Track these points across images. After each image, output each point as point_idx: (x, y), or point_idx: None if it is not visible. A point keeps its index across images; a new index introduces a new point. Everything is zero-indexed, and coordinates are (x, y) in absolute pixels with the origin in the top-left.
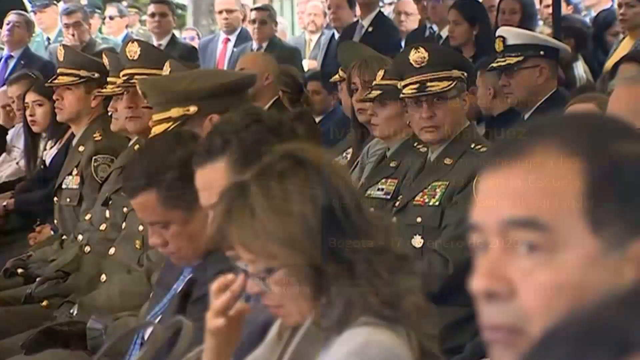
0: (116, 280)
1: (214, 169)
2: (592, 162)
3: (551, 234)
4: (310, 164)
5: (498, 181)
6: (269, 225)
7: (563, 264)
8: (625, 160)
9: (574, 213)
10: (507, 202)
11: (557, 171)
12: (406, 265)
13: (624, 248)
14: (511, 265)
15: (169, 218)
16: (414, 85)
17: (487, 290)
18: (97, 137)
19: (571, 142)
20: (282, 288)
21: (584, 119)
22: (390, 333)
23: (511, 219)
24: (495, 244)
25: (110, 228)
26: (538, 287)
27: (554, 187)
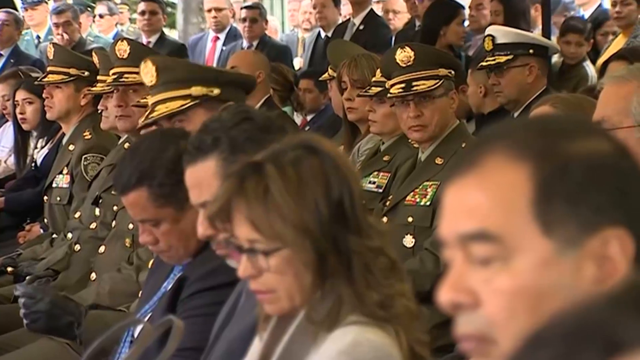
0: (106, 278)
1: (204, 167)
2: (539, 165)
3: (503, 242)
4: (324, 153)
5: (456, 195)
6: (282, 206)
7: (519, 270)
8: (573, 160)
9: (524, 218)
10: (462, 216)
11: (506, 180)
12: (398, 271)
13: (579, 246)
14: (473, 275)
15: (160, 216)
16: (401, 85)
17: (452, 302)
18: (87, 135)
19: (518, 147)
20: (281, 270)
21: (531, 122)
22: (380, 332)
23: (466, 233)
24: (457, 257)
25: (100, 226)
26: (498, 294)
27: (503, 195)
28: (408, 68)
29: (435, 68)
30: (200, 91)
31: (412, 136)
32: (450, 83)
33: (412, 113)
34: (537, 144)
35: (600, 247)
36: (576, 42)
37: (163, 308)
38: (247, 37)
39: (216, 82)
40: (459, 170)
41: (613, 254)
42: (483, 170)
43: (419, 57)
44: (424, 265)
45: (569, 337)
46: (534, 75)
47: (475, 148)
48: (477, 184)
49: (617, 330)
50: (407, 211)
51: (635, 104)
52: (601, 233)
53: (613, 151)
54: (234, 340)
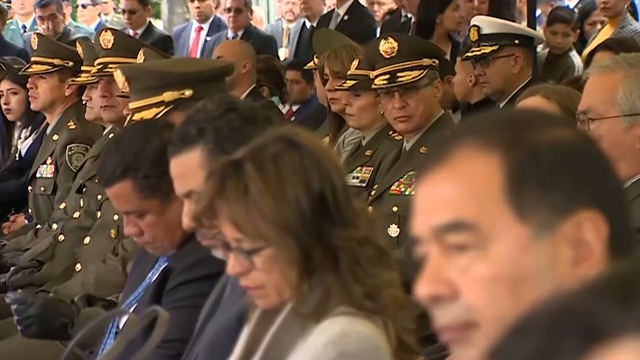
0: (91, 269)
1: (188, 158)
2: (509, 152)
3: (478, 230)
4: (304, 148)
5: (427, 190)
6: (262, 205)
7: (496, 256)
8: (542, 146)
9: (498, 205)
10: (435, 209)
11: (477, 169)
12: (386, 259)
13: (554, 230)
14: (450, 267)
15: (145, 207)
16: (385, 76)
17: (430, 294)
18: (71, 125)
19: (488, 137)
20: (267, 268)
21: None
22: (368, 323)
23: (440, 225)
24: (433, 251)
25: (85, 217)
26: (477, 282)
27: (475, 185)
28: (392, 59)
29: (419, 58)
30: (172, 96)
31: (397, 127)
32: (434, 73)
33: (397, 104)
34: (504, 135)
35: (575, 230)
36: (563, 33)
37: (148, 299)
38: (232, 27)
39: (186, 83)
40: (427, 166)
41: (587, 237)
42: (452, 163)
43: (402, 48)
44: (409, 255)
45: (550, 326)
46: (520, 65)
47: (442, 144)
48: (447, 177)
49: (599, 319)
50: (392, 201)
51: (621, 94)
52: (574, 216)
53: (578, 138)
54: (219, 331)
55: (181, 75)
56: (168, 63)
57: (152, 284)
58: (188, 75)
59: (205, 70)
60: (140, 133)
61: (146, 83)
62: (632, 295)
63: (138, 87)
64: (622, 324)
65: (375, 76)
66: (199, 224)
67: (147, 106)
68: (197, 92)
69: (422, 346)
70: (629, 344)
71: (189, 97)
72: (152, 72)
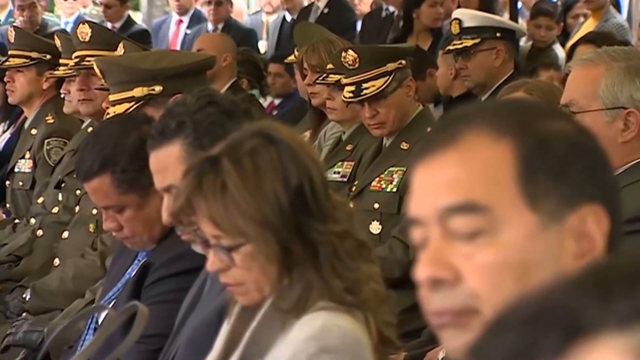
0: (70, 264)
1: (168, 152)
2: (521, 140)
3: (490, 214)
4: (281, 142)
5: (432, 171)
6: (241, 201)
7: (505, 242)
8: (552, 136)
9: (510, 192)
10: (443, 190)
11: (489, 153)
12: (366, 252)
13: (561, 221)
14: (453, 251)
15: (124, 202)
16: (351, 87)
17: (432, 277)
18: (49, 119)
19: (500, 124)
20: (247, 264)
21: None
22: (349, 318)
23: (449, 206)
24: (434, 234)
25: (63, 211)
26: (483, 267)
27: (488, 170)
28: (355, 70)
29: (383, 65)
30: (142, 92)
31: (373, 133)
32: (402, 73)
33: (367, 114)
34: (514, 121)
35: (579, 223)
36: (546, 26)
37: (127, 295)
38: (212, 20)
39: (155, 79)
40: (431, 148)
41: (590, 230)
42: (462, 146)
43: (363, 58)
44: (393, 252)
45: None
46: (501, 59)
47: (447, 127)
48: (457, 159)
49: (579, 315)
50: (373, 197)
51: (603, 87)
52: (580, 209)
53: (580, 131)
54: (199, 326)
55: (149, 72)
56: (140, 57)
57: (131, 279)
58: (156, 71)
59: (175, 67)
60: (119, 127)
61: (118, 77)
62: (612, 290)
63: (111, 81)
64: (603, 320)
65: (344, 85)
66: (177, 221)
67: (119, 100)
68: (167, 88)
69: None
70: (609, 340)
71: (160, 92)
72: (122, 66)
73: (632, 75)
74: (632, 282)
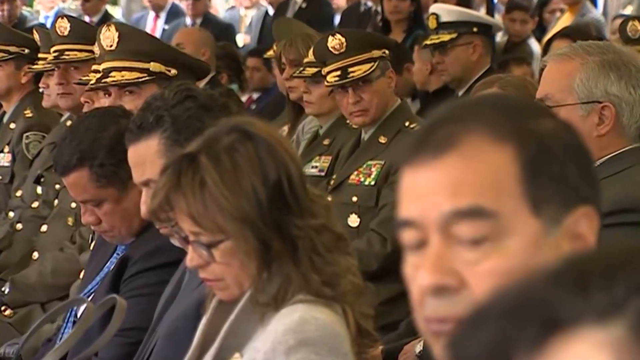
0: (48, 257)
1: (146, 145)
2: (522, 145)
3: (497, 220)
4: (259, 138)
5: (431, 173)
6: (219, 198)
7: (510, 250)
8: (548, 137)
9: (515, 198)
10: (446, 194)
11: (493, 158)
12: (344, 245)
13: (559, 225)
14: (456, 257)
15: (102, 196)
16: (337, 72)
17: (438, 284)
18: (28, 113)
19: (498, 127)
20: (226, 260)
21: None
22: (327, 310)
23: (455, 210)
24: (436, 238)
25: (42, 205)
26: (488, 275)
27: (493, 175)
28: (341, 55)
29: (368, 51)
30: (158, 68)
31: (354, 121)
32: (385, 63)
33: (351, 99)
34: (510, 124)
35: (573, 225)
36: (521, 20)
37: (106, 288)
38: (190, 15)
39: (175, 62)
40: (427, 149)
41: (583, 231)
42: (463, 150)
43: (350, 42)
44: (371, 245)
45: (508, 315)
46: (478, 53)
47: (440, 127)
48: (460, 163)
49: (557, 308)
50: (352, 190)
51: (578, 81)
52: (576, 211)
53: (568, 130)
54: (177, 319)
55: (172, 53)
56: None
57: (110, 273)
58: (180, 56)
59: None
60: (96, 121)
61: (138, 46)
62: (590, 283)
63: (127, 47)
64: (581, 313)
65: (326, 72)
66: (155, 218)
67: (130, 68)
68: (179, 76)
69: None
70: (587, 333)
71: (173, 76)
72: (147, 37)
73: (606, 70)
74: (610, 276)
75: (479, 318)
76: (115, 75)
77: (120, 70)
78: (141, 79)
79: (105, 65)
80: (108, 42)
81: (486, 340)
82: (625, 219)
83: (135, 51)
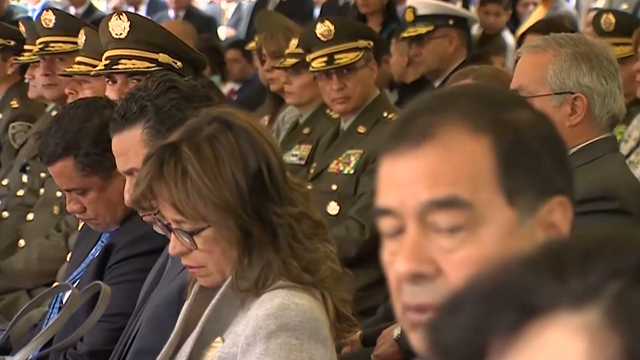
0: (35, 245)
1: (130, 135)
2: (498, 136)
3: (472, 210)
4: (239, 127)
5: (409, 163)
6: (201, 187)
7: (485, 239)
8: (524, 128)
9: (491, 188)
10: (424, 184)
11: (469, 149)
12: (323, 231)
13: (534, 214)
14: (432, 245)
15: (86, 185)
16: (323, 59)
17: (414, 272)
18: (14, 104)
19: (475, 117)
20: (208, 248)
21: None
22: (307, 296)
23: (431, 200)
24: (413, 226)
25: (28, 193)
26: (463, 263)
27: (469, 165)
28: (329, 42)
29: (355, 40)
30: (166, 59)
31: (336, 108)
32: (369, 54)
33: (335, 86)
34: (487, 115)
35: (547, 214)
36: (495, 12)
37: (91, 275)
38: (174, 8)
39: (181, 56)
40: (405, 139)
41: (557, 221)
42: (440, 140)
43: (339, 30)
44: (349, 232)
45: (485, 300)
46: (454, 45)
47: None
48: (437, 153)
49: (534, 293)
50: (331, 179)
51: (551, 72)
52: (550, 201)
53: (544, 121)
54: (159, 305)
55: (180, 46)
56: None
57: (95, 260)
58: (186, 49)
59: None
60: (81, 112)
61: (149, 36)
62: (566, 270)
63: (138, 37)
64: (557, 299)
65: (312, 59)
66: (138, 206)
67: (141, 57)
68: (184, 69)
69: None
70: (563, 318)
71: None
72: (159, 29)
73: (578, 61)
74: (585, 262)
75: (456, 304)
76: (126, 63)
77: (131, 59)
78: (151, 68)
79: (112, 53)
80: (118, 30)
81: (464, 326)
82: (597, 207)
83: (146, 41)
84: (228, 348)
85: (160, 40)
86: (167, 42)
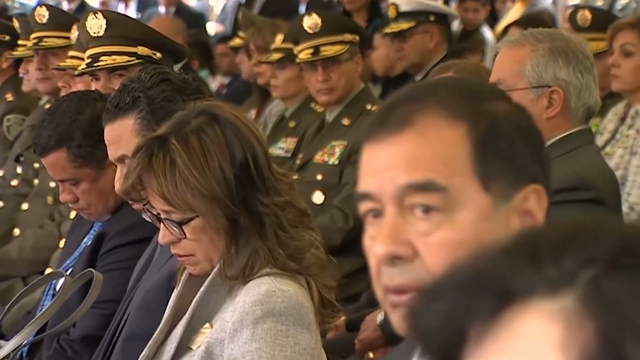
0: (29, 234)
1: (122, 125)
2: (474, 123)
3: (448, 194)
4: (225, 120)
5: (388, 149)
6: (189, 178)
7: (460, 222)
8: (501, 119)
9: (466, 174)
10: (402, 169)
11: (446, 136)
12: (307, 220)
13: (509, 201)
14: (409, 228)
15: (79, 176)
16: (309, 50)
17: (392, 254)
18: (9, 97)
19: (453, 107)
20: (197, 237)
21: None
22: (292, 283)
23: (409, 184)
24: (391, 210)
25: (22, 183)
26: (439, 245)
27: (445, 151)
28: (315, 35)
29: (341, 34)
30: (145, 52)
31: (320, 99)
32: (355, 48)
33: (320, 77)
34: (469, 105)
35: (522, 202)
36: (473, 9)
37: (83, 263)
38: (164, 4)
39: (160, 47)
40: (385, 127)
41: (532, 208)
42: (419, 127)
43: (325, 23)
44: (334, 221)
45: (463, 287)
46: (435, 41)
47: (399, 107)
48: (415, 140)
49: (509, 280)
50: (317, 169)
51: (529, 67)
52: (525, 189)
53: (521, 112)
54: (149, 291)
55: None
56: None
57: (87, 248)
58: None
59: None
60: (74, 104)
61: (125, 31)
62: (542, 257)
63: (115, 33)
64: (533, 285)
65: (299, 50)
66: (128, 197)
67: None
68: (163, 59)
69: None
70: (539, 304)
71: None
72: (134, 23)
73: (555, 56)
74: (561, 249)
75: (435, 290)
76: (107, 59)
77: (111, 55)
78: (131, 62)
79: (92, 51)
80: (95, 29)
81: (443, 312)
82: (573, 197)
83: (123, 36)
84: (216, 333)
85: (138, 34)
86: (145, 35)
